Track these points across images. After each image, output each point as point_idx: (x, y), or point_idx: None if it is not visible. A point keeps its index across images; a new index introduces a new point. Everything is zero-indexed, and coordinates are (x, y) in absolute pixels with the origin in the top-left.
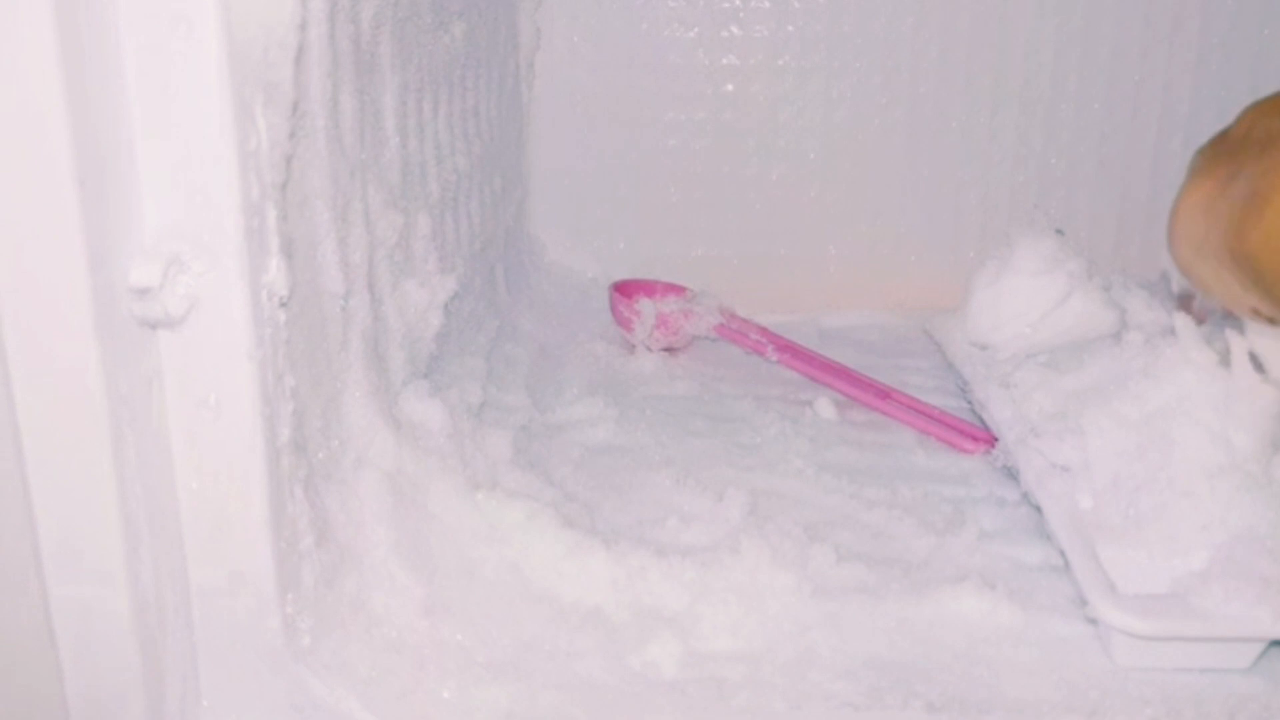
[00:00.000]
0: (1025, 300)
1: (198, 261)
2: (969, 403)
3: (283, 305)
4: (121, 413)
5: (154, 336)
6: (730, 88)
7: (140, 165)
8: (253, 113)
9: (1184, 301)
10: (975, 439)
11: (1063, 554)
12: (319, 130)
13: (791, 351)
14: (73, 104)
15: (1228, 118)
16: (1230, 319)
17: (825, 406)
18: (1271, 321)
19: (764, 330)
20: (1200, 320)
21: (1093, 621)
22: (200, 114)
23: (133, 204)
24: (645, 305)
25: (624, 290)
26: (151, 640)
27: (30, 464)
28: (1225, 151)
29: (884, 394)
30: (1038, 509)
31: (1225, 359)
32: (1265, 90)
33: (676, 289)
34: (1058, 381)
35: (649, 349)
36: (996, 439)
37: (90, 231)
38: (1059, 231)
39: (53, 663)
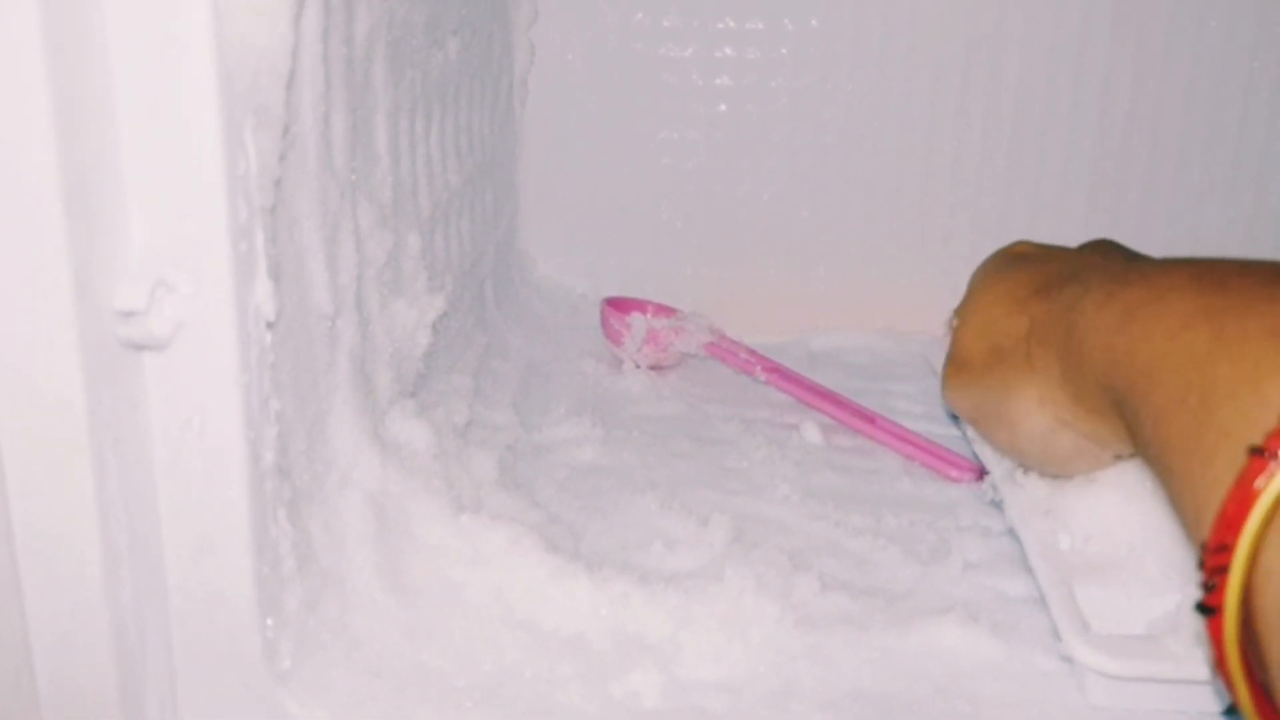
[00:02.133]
0: None
1: (184, 284)
2: (962, 434)
3: (269, 328)
4: (104, 435)
5: (138, 359)
6: (723, 108)
7: (127, 187)
8: (242, 136)
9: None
10: (960, 468)
11: (1040, 591)
12: (309, 151)
13: (780, 373)
14: (60, 124)
15: (1217, 148)
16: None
17: (812, 430)
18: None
19: (753, 352)
20: None
21: (1067, 660)
22: (189, 137)
23: (119, 226)
24: (636, 319)
25: (615, 306)
26: (130, 663)
27: (11, 485)
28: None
29: (870, 419)
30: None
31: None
32: (1252, 122)
33: (667, 310)
34: None
35: (637, 365)
36: (982, 470)
37: (76, 253)
38: None
39: (30, 685)
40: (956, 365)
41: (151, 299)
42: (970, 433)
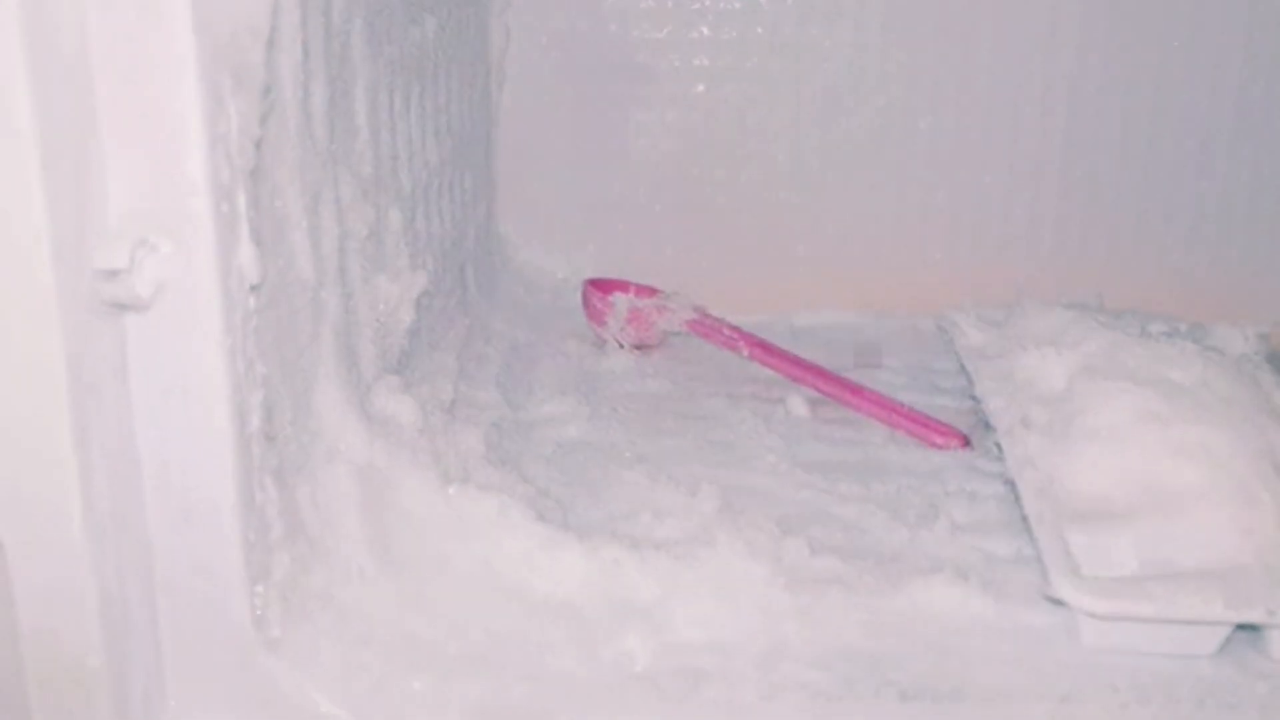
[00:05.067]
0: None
1: (165, 244)
2: (973, 399)
3: (253, 290)
4: (86, 401)
5: (120, 322)
6: (700, 89)
7: (107, 147)
8: (221, 96)
9: None
10: (945, 435)
11: (1034, 538)
12: (289, 119)
13: (764, 348)
14: (38, 86)
15: (1185, 131)
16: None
17: (797, 404)
18: None
19: (736, 329)
20: None
21: (1057, 602)
22: (168, 96)
23: (99, 186)
24: (618, 299)
25: (597, 286)
26: (116, 633)
27: None
28: None
29: (856, 391)
30: (1012, 500)
31: None
32: (1218, 110)
33: (649, 290)
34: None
35: (620, 344)
36: (967, 438)
37: (56, 214)
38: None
39: (15, 657)
40: None
41: (133, 259)
42: (979, 389)
